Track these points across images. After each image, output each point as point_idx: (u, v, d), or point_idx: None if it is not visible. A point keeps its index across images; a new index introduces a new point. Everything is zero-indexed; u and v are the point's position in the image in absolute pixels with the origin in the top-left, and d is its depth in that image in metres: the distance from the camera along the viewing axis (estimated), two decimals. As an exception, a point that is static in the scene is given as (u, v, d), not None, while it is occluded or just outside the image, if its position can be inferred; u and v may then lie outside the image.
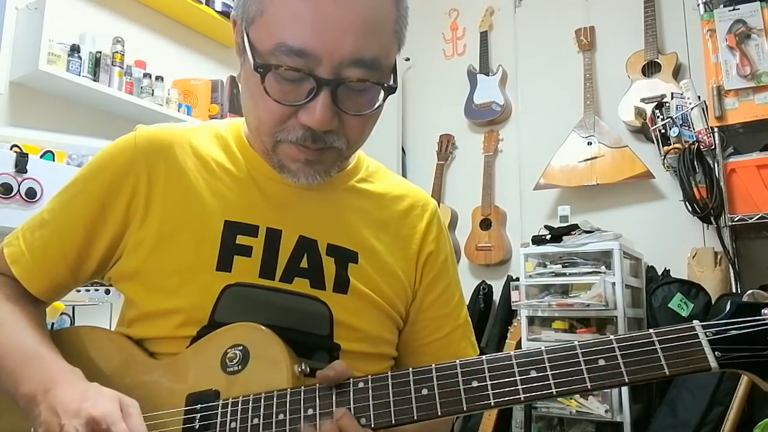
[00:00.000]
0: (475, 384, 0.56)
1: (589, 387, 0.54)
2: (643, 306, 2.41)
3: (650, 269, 2.46)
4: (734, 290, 2.15)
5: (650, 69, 2.57)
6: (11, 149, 2.07)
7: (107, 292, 1.75)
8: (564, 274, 2.32)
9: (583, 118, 2.67)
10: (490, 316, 2.76)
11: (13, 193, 1.96)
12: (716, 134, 2.19)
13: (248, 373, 0.64)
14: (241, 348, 0.65)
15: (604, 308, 2.15)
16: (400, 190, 0.85)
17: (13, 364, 0.66)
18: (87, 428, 0.57)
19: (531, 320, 2.39)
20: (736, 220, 2.10)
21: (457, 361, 0.57)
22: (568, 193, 2.74)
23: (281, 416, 0.60)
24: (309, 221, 0.74)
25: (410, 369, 0.59)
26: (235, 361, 0.65)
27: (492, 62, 3.05)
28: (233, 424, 0.61)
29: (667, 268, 2.39)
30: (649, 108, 2.46)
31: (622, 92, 2.61)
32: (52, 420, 0.58)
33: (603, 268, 2.22)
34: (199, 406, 0.63)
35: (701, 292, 2.14)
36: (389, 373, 0.59)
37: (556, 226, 2.48)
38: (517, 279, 2.49)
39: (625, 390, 2.11)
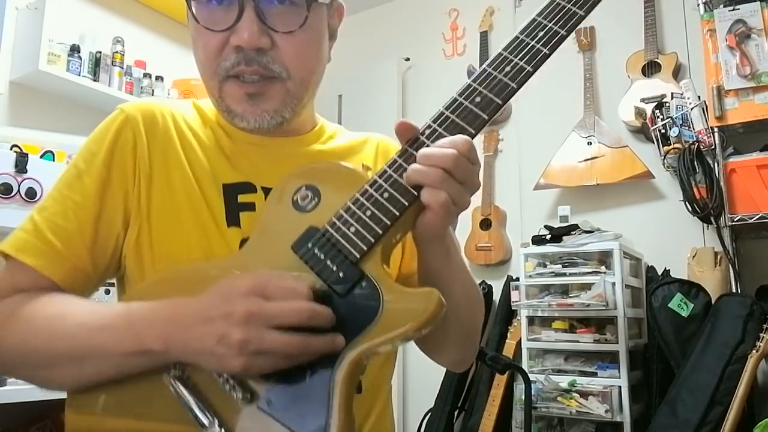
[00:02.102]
0: (508, 68, 0.68)
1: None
2: (643, 306, 2.40)
3: (650, 269, 2.46)
4: (734, 290, 2.15)
5: (650, 69, 2.57)
6: (11, 149, 2.07)
7: (107, 292, 1.75)
8: (564, 274, 2.32)
9: (583, 118, 2.67)
10: (490, 316, 2.76)
11: (13, 193, 1.96)
12: (716, 134, 2.19)
13: (326, 199, 0.66)
14: (304, 186, 0.67)
15: (604, 308, 2.15)
16: (363, 136, 0.90)
17: (117, 323, 0.62)
18: (251, 296, 0.57)
19: (531, 320, 2.39)
20: (736, 220, 2.10)
21: (470, 81, 0.69)
22: (568, 193, 2.74)
23: (386, 194, 0.62)
24: None
25: (453, 95, 0.68)
26: (307, 199, 0.66)
27: (492, 62, 3.04)
28: (352, 228, 0.62)
29: (667, 268, 2.39)
30: (649, 108, 2.46)
31: (622, 92, 2.61)
32: (216, 328, 0.56)
33: (603, 268, 2.22)
34: (310, 243, 0.63)
35: (701, 292, 2.14)
36: (440, 109, 0.68)
37: (556, 226, 2.48)
38: (517, 279, 2.49)
39: (625, 390, 2.11)
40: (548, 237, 2.41)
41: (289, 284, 0.59)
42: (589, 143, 2.63)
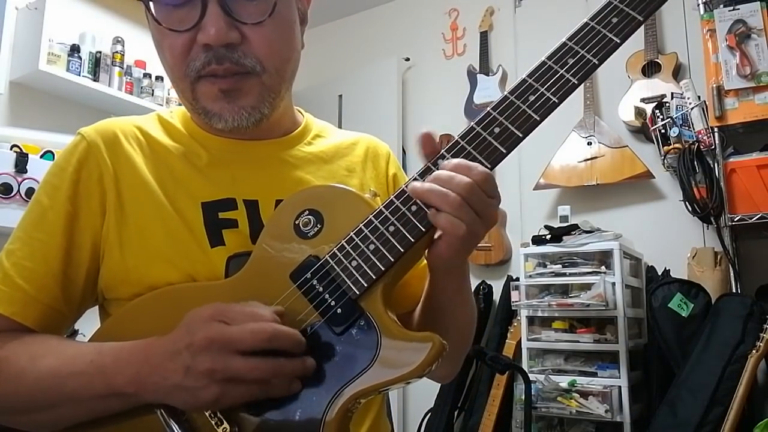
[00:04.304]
0: (532, 98, 0.59)
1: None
2: (643, 306, 2.40)
3: (650, 269, 2.46)
4: (734, 290, 2.15)
5: (650, 69, 2.57)
6: (11, 149, 2.07)
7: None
8: (564, 274, 2.32)
9: (583, 118, 2.67)
10: (490, 316, 2.76)
11: (13, 193, 1.96)
12: (716, 134, 2.19)
13: (329, 227, 0.63)
14: (307, 211, 0.64)
15: (604, 308, 2.15)
16: (353, 137, 0.86)
17: (87, 368, 0.60)
18: (212, 323, 0.56)
19: (531, 320, 2.39)
20: (736, 220, 2.10)
21: (489, 109, 0.61)
22: (568, 193, 2.74)
23: (391, 228, 0.58)
24: (278, 185, 0.74)
25: (471, 124, 0.62)
26: (310, 225, 0.63)
27: (492, 62, 3.05)
28: (354, 263, 0.59)
29: (667, 268, 2.39)
30: (649, 108, 2.46)
31: (622, 92, 2.61)
32: (181, 360, 0.55)
33: (603, 268, 2.22)
34: (309, 273, 0.60)
35: (701, 292, 2.14)
36: (456, 137, 0.62)
37: (556, 226, 2.47)
38: (517, 279, 2.49)
39: (625, 390, 2.11)
40: (548, 237, 2.41)
41: (252, 309, 0.57)
42: (589, 143, 2.63)
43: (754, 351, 1.89)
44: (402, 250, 0.58)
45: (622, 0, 0.60)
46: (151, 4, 0.66)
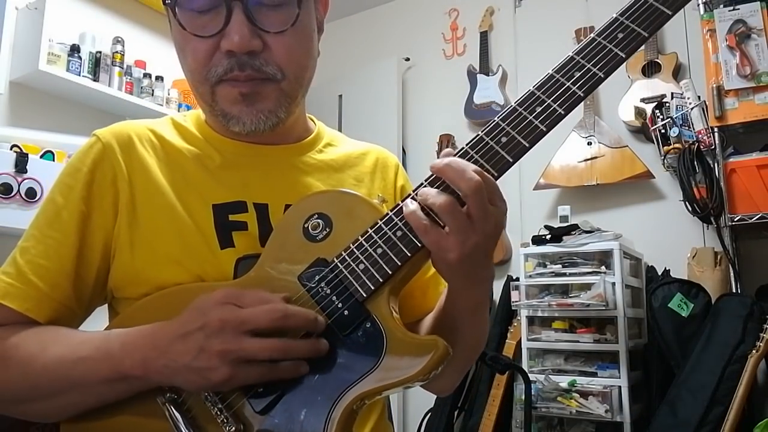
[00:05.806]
0: (539, 109, 0.61)
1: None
2: (643, 306, 2.40)
3: (650, 269, 2.46)
4: (734, 290, 2.15)
5: (650, 69, 2.57)
6: (11, 149, 2.07)
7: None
8: (564, 274, 2.32)
9: (583, 118, 2.67)
10: (490, 316, 2.76)
11: (13, 193, 1.96)
12: (716, 134, 2.19)
13: (338, 231, 0.64)
14: (317, 215, 0.65)
15: (604, 308, 2.15)
16: (363, 147, 0.88)
17: (94, 354, 0.61)
18: (226, 305, 0.57)
19: (531, 320, 2.39)
20: (736, 220, 2.10)
21: (497, 119, 0.62)
22: (568, 193, 2.74)
23: (399, 233, 0.60)
24: (288, 190, 0.75)
25: (478, 133, 0.62)
26: (319, 228, 0.64)
27: (492, 62, 3.05)
28: (361, 266, 0.60)
29: (667, 268, 2.39)
30: (649, 108, 2.46)
31: (622, 92, 2.61)
32: (193, 342, 0.56)
33: (603, 268, 2.22)
34: (317, 275, 0.62)
35: (701, 292, 2.14)
36: (464, 146, 0.61)
37: (556, 226, 2.47)
38: (517, 279, 2.49)
39: (625, 390, 2.11)
40: (548, 237, 2.41)
41: (263, 294, 0.59)
42: (589, 143, 2.63)
43: (754, 351, 1.89)
44: (409, 254, 0.59)
45: (629, 16, 0.63)
46: (176, 8, 0.67)
